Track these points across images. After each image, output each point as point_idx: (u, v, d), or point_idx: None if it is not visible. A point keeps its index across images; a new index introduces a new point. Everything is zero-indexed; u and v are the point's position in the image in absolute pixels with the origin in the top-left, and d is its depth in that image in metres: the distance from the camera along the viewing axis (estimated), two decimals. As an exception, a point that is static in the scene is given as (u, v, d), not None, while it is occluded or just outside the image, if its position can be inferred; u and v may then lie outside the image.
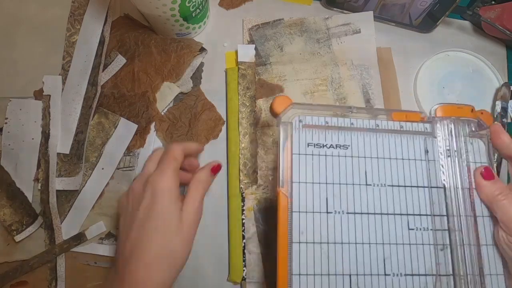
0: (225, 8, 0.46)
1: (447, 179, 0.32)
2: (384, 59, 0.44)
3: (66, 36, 0.43)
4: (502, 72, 0.45)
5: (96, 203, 0.39)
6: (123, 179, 0.39)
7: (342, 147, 0.32)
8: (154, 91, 0.41)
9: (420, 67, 0.45)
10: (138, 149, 0.40)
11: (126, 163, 0.40)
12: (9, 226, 0.37)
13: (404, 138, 0.33)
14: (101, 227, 0.38)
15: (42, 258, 0.37)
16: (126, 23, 0.45)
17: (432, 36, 0.46)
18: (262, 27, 0.45)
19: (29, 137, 0.40)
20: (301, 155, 0.31)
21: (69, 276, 0.37)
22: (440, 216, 0.31)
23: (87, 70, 0.42)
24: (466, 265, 0.30)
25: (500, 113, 0.42)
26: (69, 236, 0.38)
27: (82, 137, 0.40)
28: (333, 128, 0.32)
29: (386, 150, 0.32)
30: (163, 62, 0.42)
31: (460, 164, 0.32)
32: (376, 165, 0.31)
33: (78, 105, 0.41)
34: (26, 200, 0.39)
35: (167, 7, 0.36)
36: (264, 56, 0.43)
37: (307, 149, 0.31)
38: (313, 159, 0.31)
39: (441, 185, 0.32)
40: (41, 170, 0.39)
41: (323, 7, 0.46)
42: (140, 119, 0.41)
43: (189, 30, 0.42)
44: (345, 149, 0.32)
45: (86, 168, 0.39)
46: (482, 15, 0.44)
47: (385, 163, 0.32)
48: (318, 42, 0.44)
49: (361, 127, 0.32)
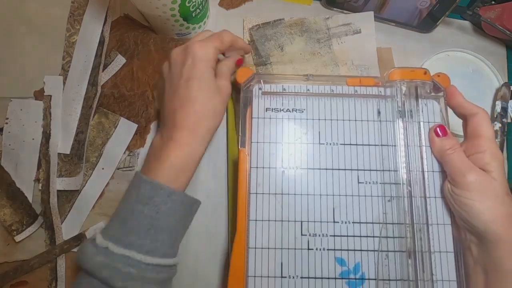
0: (225, 8, 0.46)
1: (398, 137, 0.35)
2: (385, 59, 0.44)
3: (66, 36, 0.43)
4: (502, 72, 0.45)
5: (96, 203, 0.39)
6: (123, 179, 0.39)
7: (298, 111, 0.36)
8: (153, 89, 0.41)
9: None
10: (138, 149, 0.40)
11: (126, 163, 0.40)
12: (9, 226, 0.37)
13: (358, 101, 0.36)
14: (102, 228, 0.38)
15: (42, 258, 0.37)
16: (126, 23, 0.45)
17: (432, 36, 0.46)
18: (262, 27, 0.45)
19: (30, 137, 0.40)
20: (260, 118, 0.35)
21: (69, 276, 0.37)
22: (389, 171, 0.34)
23: (87, 70, 0.42)
24: (413, 215, 0.33)
25: (500, 113, 0.42)
26: (69, 236, 0.38)
27: (83, 137, 0.40)
28: (290, 94, 0.36)
29: (340, 112, 0.36)
30: (161, 60, 0.42)
31: (412, 123, 0.34)
32: (330, 126, 0.35)
33: (79, 105, 0.41)
34: (26, 200, 0.39)
35: (167, 7, 0.36)
36: (265, 56, 0.43)
37: (265, 114, 0.36)
38: (271, 122, 0.35)
39: (392, 143, 0.35)
40: (41, 170, 0.39)
41: (323, 7, 0.46)
42: (140, 118, 0.41)
43: (189, 30, 0.42)
44: (301, 112, 0.36)
45: (86, 168, 0.39)
46: (482, 15, 0.44)
47: (338, 124, 0.35)
48: (319, 42, 0.44)
49: (316, 92, 0.36)
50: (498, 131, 0.41)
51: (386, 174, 0.34)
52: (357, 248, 0.33)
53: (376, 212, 0.33)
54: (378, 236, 0.33)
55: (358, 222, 0.33)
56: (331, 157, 0.35)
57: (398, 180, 0.34)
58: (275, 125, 0.35)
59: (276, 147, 0.35)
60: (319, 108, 0.36)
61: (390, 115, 0.35)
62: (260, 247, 0.33)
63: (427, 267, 0.32)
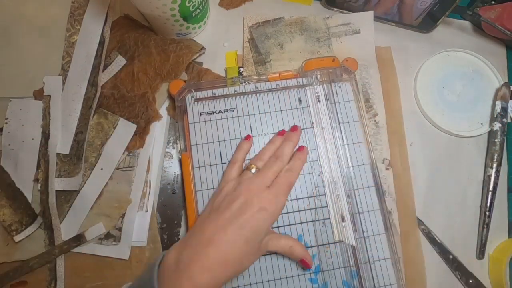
0: (225, 8, 0.46)
1: (317, 119, 0.39)
2: (384, 59, 0.44)
3: (66, 36, 0.43)
4: (502, 72, 0.45)
5: (95, 203, 0.39)
6: (122, 179, 0.39)
7: (229, 111, 0.40)
8: (154, 91, 0.41)
9: (420, 67, 0.45)
10: (138, 149, 0.40)
11: (125, 163, 0.40)
12: (9, 226, 0.37)
13: (281, 93, 0.40)
14: (101, 229, 0.38)
15: (42, 258, 0.37)
16: (126, 24, 0.45)
17: (432, 36, 0.46)
18: (262, 25, 0.45)
19: (29, 137, 0.40)
20: (195, 123, 0.39)
21: (68, 276, 0.37)
22: (312, 150, 0.38)
23: (87, 70, 0.41)
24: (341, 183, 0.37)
25: (500, 113, 0.41)
26: (68, 237, 0.38)
27: (82, 138, 0.39)
28: (220, 97, 0.40)
29: (266, 106, 0.40)
30: (162, 62, 0.42)
31: (329, 105, 0.40)
32: (259, 119, 0.39)
33: (78, 106, 0.41)
34: (25, 200, 0.38)
35: (167, 7, 0.36)
36: (264, 54, 0.43)
37: (200, 118, 0.39)
38: (206, 124, 0.39)
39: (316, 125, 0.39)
40: (40, 170, 0.39)
41: (323, 7, 0.46)
42: (140, 119, 0.41)
43: (189, 30, 0.42)
44: (232, 111, 0.40)
45: (85, 169, 0.39)
46: (482, 15, 0.44)
47: (266, 117, 0.40)
48: (318, 41, 0.44)
49: (243, 91, 0.40)
50: (498, 131, 0.41)
51: (314, 153, 0.38)
52: (297, 221, 0.36)
53: (310, 187, 0.37)
54: (314, 208, 0.37)
55: (295, 198, 0.37)
56: (264, 146, 0.38)
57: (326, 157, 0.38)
58: (210, 126, 0.39)
59: (214, 146, 0.38)
60: (247, 105, 0.40)
61: (310, 101, 0.40)
62: None
63: (359, 226, 0.37)
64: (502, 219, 0.41)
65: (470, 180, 0.42)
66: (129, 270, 0.37)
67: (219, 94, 0.40)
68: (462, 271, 0.38)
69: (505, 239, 0.40)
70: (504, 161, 0.42)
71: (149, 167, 0.40)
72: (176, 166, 0.41)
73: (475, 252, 0.40)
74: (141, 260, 0.38)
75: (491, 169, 0.40)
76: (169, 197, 0.40)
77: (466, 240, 0.40)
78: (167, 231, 0.39)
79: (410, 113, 0.43)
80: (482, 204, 0.40)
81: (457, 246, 0.39)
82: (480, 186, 0.41)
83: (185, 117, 0.39)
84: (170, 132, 0.42)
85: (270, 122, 0.39)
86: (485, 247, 0.39)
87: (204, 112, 0.39)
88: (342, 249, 0.36)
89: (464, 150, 0.42)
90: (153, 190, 0.40)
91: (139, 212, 0.39)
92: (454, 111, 0.43)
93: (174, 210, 0.39)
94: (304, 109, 0.40)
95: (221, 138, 0.39)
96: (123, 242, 0.38)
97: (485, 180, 0.41)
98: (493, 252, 0.39)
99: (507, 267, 0.38)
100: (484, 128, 0.43)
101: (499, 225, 0.41)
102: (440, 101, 0.44)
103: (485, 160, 0.42)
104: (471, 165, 0.42)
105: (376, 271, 0.36)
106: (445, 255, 0.39)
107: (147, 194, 0.39)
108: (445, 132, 0.43)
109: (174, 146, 0.41)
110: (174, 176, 0.40)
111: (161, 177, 0.40)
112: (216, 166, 0.38)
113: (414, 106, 0.44)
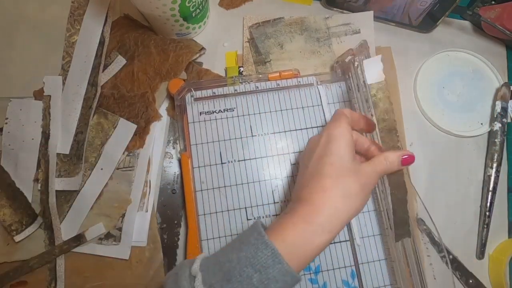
0: (225, 8, 0.46)
1: (317, 118, 0.40)
2: (384, 59, 0.44)
3: (66, 36, 0.43)
4: (502, 72, 0.45)
5: (95, 203, 0.39)
6: (122, 179, 0.39)
7: (229, 110, 0.39)
8: (153, 91, 0.41)
9: (420, 67, 0.45)
10: (138, 149, 0.40)
11: (125, 163, 0.40)
12: (9, 226, 0.37)
13: (281, 93, 0.40)
14: (101, 229, 0.38)
15: (42, 258, 0.37)
16: (126, 24, 0.45)
17: (432, 36, 0.46)
18: (262, 25, 0.45)
19: (29, 137, 0.40)
20: (195, 122, 0.39)
21: (68, 276, 0.37)
22: None
23: (87, 70, 0.41)
24: None
25: (500, 113, 0.41)
26: (68, 237, 0.38)
27: (82, 137, 0.39)
28: (220, 96, 0.40)
29: (267, 105, 0.40)
30: (162, 62, 0.42)
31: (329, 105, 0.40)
32: (259, 119, 0.39)
33: (78, 106, 0.41)
34: (25, 200, 0.38)
35: (167, 7, 0.36)
36: (264, 54, 0.44)
37: (200, 117, 0.39)
38: (206, 124, 0.39)
39: (315, 125, 0.40)
40: (41, 170, 0.39)
41: (323, 7, 0.46)
42: (140, 119, 0.41)
43: (189, 30, 0.42)
44: (232, 111, 0.39)
45: (85, 169, 0.39)
46: (482, 15, 0.44)
47: (267, 116, 0.40)
48: (318, 41, 0.44)
49: (243, 91, 0.40)
50: (498, 131, 0.41)
51: None
52: None
53: None
54: None
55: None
56: (264, 146, 0.39)
57: None
58: (210, 126, 0.39)
59: (213, 145, 0.38)
60: (248, 104, 0.40)
61: (311, 101, 0.40)
62: (212, 237, 0.36)
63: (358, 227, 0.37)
64: (502, 219, 0.41)
65: (470, 180, 0.42)
66: (129, 270, 0.37)
67: (219, 94, 0.40)
68: (462, 271, 0.38)
69: (505, 239, 0.40)
70: (504, 161, 0.42)
71: (149, 167, 0.40)
72: (176, 166, 0.41)
73: (475, 252, 0.40)
74: (141, 260, 0.38)
75: (491, 169, 0.40)
76: (169, 197, 0.40)
77: (466, 240, 0.40)
78: (167, 231, 0.39)
79: (410, 113, 0.43)
80: (482, 204, 0.40)
81: (457, 246, 0.39)
82: (480, 186, 0.41)
83: (185, 117, 0.39)
84: (170, 132, 0.42)
85: (270, 121, 0.39)
86: (485, 247, 0.39)
87: (204, 112, 0.39)
88: (342, 249, 0.36)
89: (464, 150, 0.42)
90: (153, 190, 0.40)
91: (139, 212, 0.39)
92: (454, 111, 0.43)
93: (174, 210, 0.39)
94: (304, 109, 0.40)
95: (221, 138, 0.39)
96: (123, 242, 0.38)
97: (485, 180, 0.41)
98: (493, 252, 0.40)
99: (507, 267, 0.38)
100: (484, 128, 0.43)
101: (499, 225, 0.41)
102: (440, 101, 0.44)
103: (485, 160, 0.42)
104: (471, 165, 0.42)
105: (370, 272, 0.36)
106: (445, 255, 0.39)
107: (147, 194, 0.39)
108: (445, 132, 0.43)
109: (174, 146, 0.41)
110: (174, 176, 0.40)
111: (161, 177, 0.40)
112: (216, 166, 0.38)
113: (414, 106, 0.44)
